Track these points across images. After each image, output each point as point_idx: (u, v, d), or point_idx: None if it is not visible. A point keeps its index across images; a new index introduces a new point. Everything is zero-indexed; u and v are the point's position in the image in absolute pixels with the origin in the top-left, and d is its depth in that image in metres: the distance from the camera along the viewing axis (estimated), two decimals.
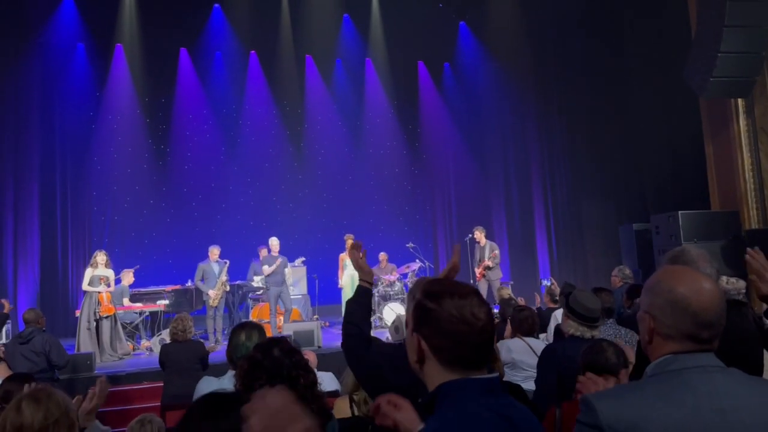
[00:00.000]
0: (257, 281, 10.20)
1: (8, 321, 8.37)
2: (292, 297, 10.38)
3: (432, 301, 1.37)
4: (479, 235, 10.37)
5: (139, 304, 9.69)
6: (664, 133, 11.86)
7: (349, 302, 2.38)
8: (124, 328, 9.32)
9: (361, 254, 2.42)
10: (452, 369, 1.34)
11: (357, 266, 2.40)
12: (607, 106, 12.40)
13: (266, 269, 9.44)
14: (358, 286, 2.37)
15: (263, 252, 10.25)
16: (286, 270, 9.70)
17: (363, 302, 2.36)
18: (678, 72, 9.56)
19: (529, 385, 4.16)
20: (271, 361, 2.02)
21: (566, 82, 13.04)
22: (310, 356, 5.42)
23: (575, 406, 2.39)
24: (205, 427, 1.34)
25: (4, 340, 8.87)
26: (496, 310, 6.69)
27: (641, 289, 3.23)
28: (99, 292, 8.37)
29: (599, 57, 12.40)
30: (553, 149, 13.41)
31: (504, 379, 3.21)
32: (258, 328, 2.85)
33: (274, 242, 9.67)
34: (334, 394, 3.99)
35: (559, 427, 2.40)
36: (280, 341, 2.13)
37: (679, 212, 9.68)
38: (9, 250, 10.72)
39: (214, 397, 1.43)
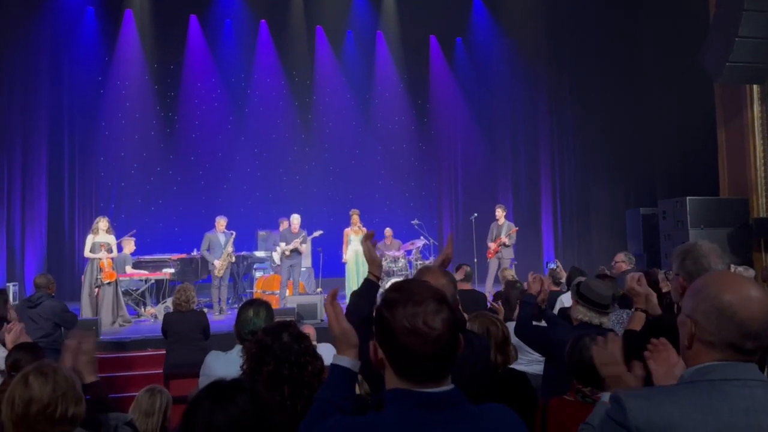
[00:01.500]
0: (275, 254, 10.21)
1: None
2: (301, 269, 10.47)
3: (387, 309, 1.32)
4: (500, 213, 10.37)
5: (144, 272, 9.75)
6: (676, 118, 11.74)
7: (354, 295, 2.30)
8: (129, 294, 9.40)
9: (373, 244, 2.32)
10: (405, 380, 1.30)
11: (368, 257, 2.30)
12: (619, 88, 12.25)
13: (283, 246, 9.46)
14: (366, 279, 2.25)
15: (284, 224, 10.25)
16: (303, 246, 9.71)
17: (368, 298, 2.21)
18: (694, 56, 9.42)
19: (533, 369, 4.20)
20: (280, 346, 2.02)
21: (579, 62, 12.86)
22: (310, 330, 5.45)
23: (564, 404, 2.41)
24: (214, 414, 1.36)
25: (11, 303, 8.97)
26: (496, 291, 6.71)
27: (647, 275, 3.20)
28: (100, 259, 8.41)
29: (614, 38, 12.22)
30: (563, 130, 13.29)
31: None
32: (265, 305, 2.87)
33: (294, 220, 9.67)
34: None
35: (543, 423, 2.40)
36: (290, 326, 2.13)
37: (687, 198, 9.64)
38: (17, 213, 10.78)
39: (220, 384, 1.45)
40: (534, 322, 3.62)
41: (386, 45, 14.29)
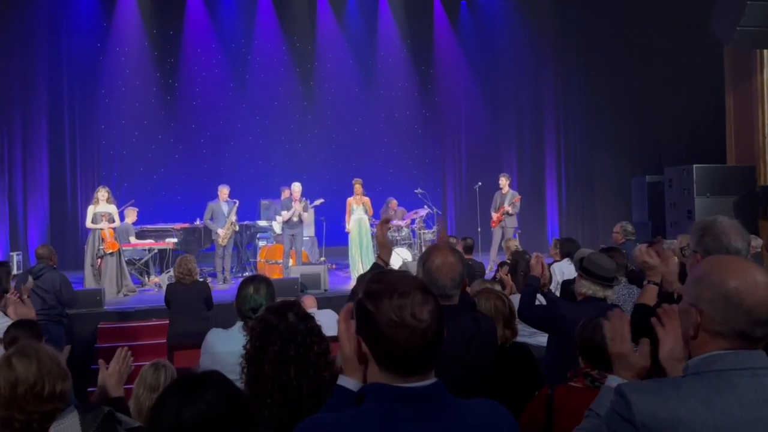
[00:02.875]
0: (275, 224, 10.20)
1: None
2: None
3: (371, 302, 1.26)
4: (504, 182, 10.27)
5: (148, 241, 9.76)
6: (683, 84, 11.54)
7: (360, 278, 2.30)
8: (133, 264, 9.42)
9: (387, 228, 2.27)
10: (389, 373, 1.25)
11: (380, 242, 2.27)
12: (626, 52, 11.99)
13: (284, 214, 9.43)
14: (375, 264, 2.26)
15: (285, 193, 10.21)
16: (305, 214, 9.67)
17: None
18: (703, 20, 9.20)
19: (537, 340, 4.20)
20: (286, 326, 1.99)
21: (586, 26, 12.58)
22: (309, 301, 5.45)
23: (568, 391, 2.37)
24: (181, 411, 1.31)
25: (15, 270, 9.00)
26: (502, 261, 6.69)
27: (650, 245, 3.15)
28: (102, 229, 8.40)
29: (621, 2, 11.92)
30: (569, 96, 13.09)
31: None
32: (266, 281, 2.83)
33: (295, 188, 9.60)
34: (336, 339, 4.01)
35: (550, 411, 2.36)
36: (294, 305, 2.09)
37: (694, 165, 9.55)
38: (18, 183, 10.73)
39: (188, 379, 1.41)
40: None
41: (389, 9, 14.01)
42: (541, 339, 4.19)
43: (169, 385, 1.41)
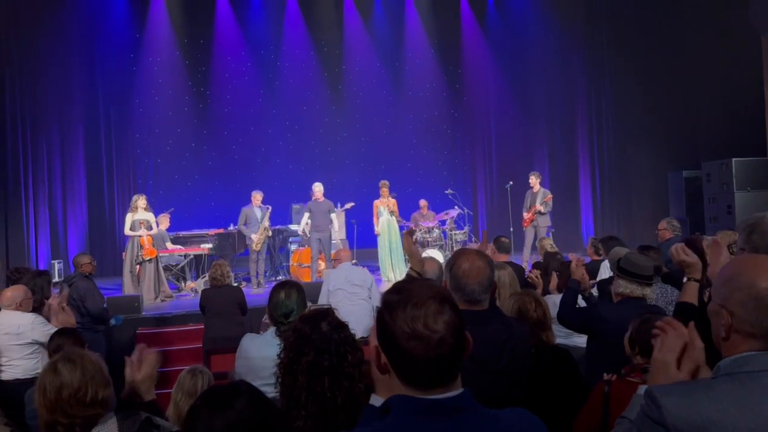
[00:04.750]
0: (299, 227, 10.24)
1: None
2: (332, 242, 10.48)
3: (387, 312, 1.25)
4: (534, 180, 10.08)
5: (183, 247, 9.93)
6: (720, 75, 11.20)
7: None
8: (169, 270, 9.59)
9: (413, 240, 2.25)
10: (408, 386, 1.23)
11: (408, 252, 2.25)
12: (660, 44, 11.72)
13: (306, 217, 9.51)
14: (407, 274, 2.23)
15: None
16: (332, 215, 9.71)
17: None
18: (741, 9, 8.94)
19: (573, 341, 4.13)
20: (319, 336, 1.97)
21: (617, 19, 12.34)
22: (345, 254, 5.61)
23: (625, 385, 2.33)
24: (213, 421, 1.34)
25: (57, 279, 9.26)
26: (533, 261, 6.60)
27: (691, 243, 3.06)
28: (140, 236, 8.57)
29: None
30: (601, 91, 12.85)
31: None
32: (297, 286, 2.85)
33: (316, 188, 9.67)
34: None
35: (606, 406, 2.33)
36: (328, 314, 2.07)
37: (733, 159, 9.31)
38: (58, 192, 11.03)
39: (217, 390, 1.44)
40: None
41: (416, 10, 13.99)
42: (578, 340, 4.13)
43: (199, 397, 1.43)
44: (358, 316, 5.01)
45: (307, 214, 9.65)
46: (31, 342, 4.19)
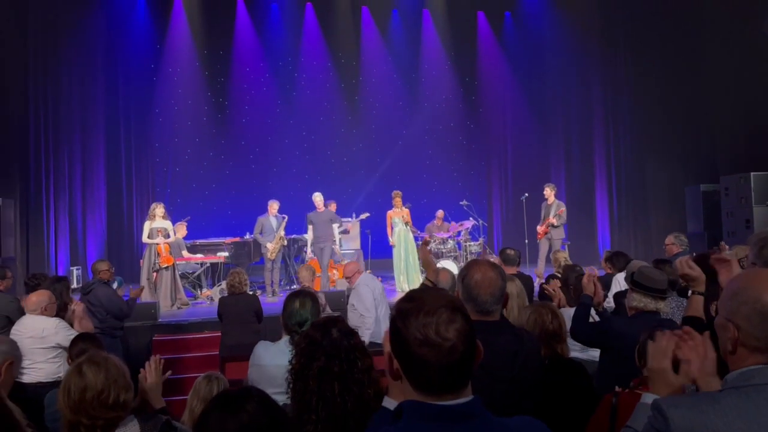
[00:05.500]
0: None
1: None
2: (345, 252, 10.53)
3: (400, 320, 1.28)
4: (549, 192, 10.01)
5: (199, 255, 10.02)
6: (738, 89, 11.13)
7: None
8: (186, 278, 9.69)
9: (429, 250, 2.29)
10: (421, 392, 1.26)
11: (424, 262, 2.29)
12: (678, 57, 11.67)
13: (310, 229, 9.56)
14: (422, 284, 2.27)
15: (332, 206, 10.34)
16: (334, 225, 9.72)
17: None
18: (758, 22, 8.89)
19: (588, 355, 4.12)
20: (329, 342, 2.01)
21: (635, 32, 12.33)
22: (354, 266, 5.69)
23: (633, 397, 2.33)
24: (225, 424, 1.37)
25: (75, 285, 9.39)
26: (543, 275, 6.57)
27: (703, 258, 3.06)
28: (158, 244, 8.67)
29: (671, 5, 11.63)
30: (618, 103, 12.82)
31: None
32: (311, 296, 2.88)
33: (317, 198, 9.72)
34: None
35: (614, 417, 2.33)
36: (338, 321, 2.12)
37: (752, 173, 9.22)
38: (78, 200, 11.20)
39: (228, 394, 1.48)
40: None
41: (433, 23, 14.09)
42: (593, 354, 4.11)
43: (210, 402, 1.47)
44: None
45: (310, 227, 9.63)
46: (54, 346, 4.27)
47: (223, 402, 1.43)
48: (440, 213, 10.99)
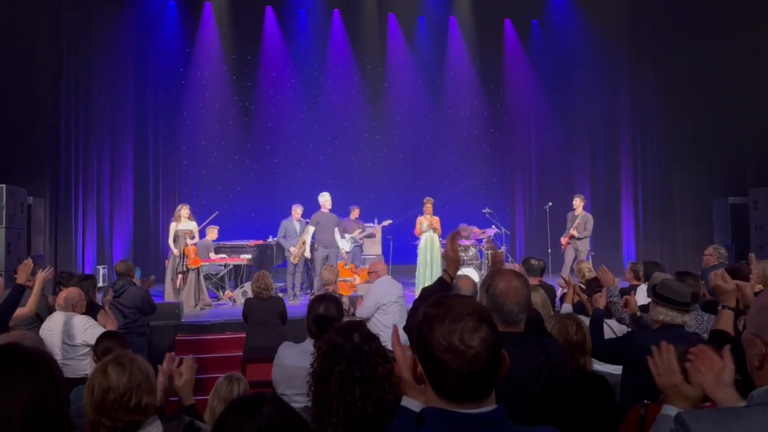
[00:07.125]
0: (343, 241, 10.24)
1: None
2: (367, 257, 10.54)
3: (426, 325, 1.29)
4: (578, 203, 10.02)
5: (223, 257, 10.13)
6: None
7: (425, 290, 2.33)
8: (209, 279, 9.80)
9: (458, 244, 2.30)
10: (444, 398, 1.26)
11: (449, 256, 2.29)
12: (706, 67, 11.48)
13: (313, 230, 9.53)
14: (440, 278, 2.28)
15: (354, 212, 10.35)
16: (336, 230, 9.71)
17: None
18: None
19: (608, 368, 4.07)
20: (351, 346, 2.03)
21: (663, 41, 12.17)
22: (381, 266, 5.77)
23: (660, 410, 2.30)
24: (242, 427, 1.38)
25: (101, 284, 9.55)
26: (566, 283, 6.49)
27: (732, 272, 3.00)
28: (185, 246, 8.78)
29: (700, 14, 11.45)
30: (645, 113, 12.66)
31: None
32: (335, 300, 2.91)
33: (323, 198, 9.71)
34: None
35: (642, 429, 2.30)
36: (360, 325, 2.14)
37: None
38: (106, 201, 11.40)
39: (243, 399, 1.49)
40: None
41: (459, 30, 14.10)
42: (615, 366, 4.06)
43: (226, 407, 1.47)
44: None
45: (312, 229, 9.55)
46: (82, 343, 4.35)
47: (238, 407, 1.44)
48: (356, 210, 10.62)
